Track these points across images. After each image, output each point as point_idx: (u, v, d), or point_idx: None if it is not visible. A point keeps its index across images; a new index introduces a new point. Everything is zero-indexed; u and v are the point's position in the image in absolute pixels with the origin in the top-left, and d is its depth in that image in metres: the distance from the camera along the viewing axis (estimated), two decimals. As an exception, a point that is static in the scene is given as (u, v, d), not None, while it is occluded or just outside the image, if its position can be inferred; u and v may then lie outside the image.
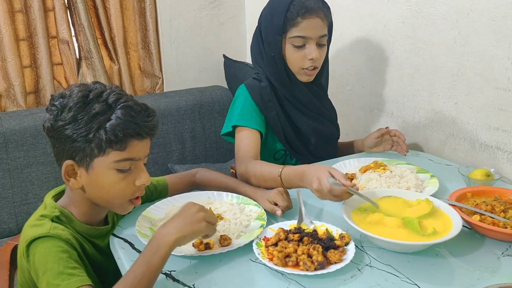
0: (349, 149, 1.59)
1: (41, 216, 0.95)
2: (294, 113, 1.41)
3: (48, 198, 1.01)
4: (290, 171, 1.15)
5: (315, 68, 1.36)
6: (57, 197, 1.03)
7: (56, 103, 0.93)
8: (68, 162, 0.94)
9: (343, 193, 1.01)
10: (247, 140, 1.33)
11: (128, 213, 1.15)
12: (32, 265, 0.88)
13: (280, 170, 1.17)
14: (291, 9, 1.30)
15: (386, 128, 1.49)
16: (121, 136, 0.91)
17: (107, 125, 0.91)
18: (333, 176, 1.01)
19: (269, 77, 1.40)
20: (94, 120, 0.91)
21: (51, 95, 0.96)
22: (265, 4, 1.41)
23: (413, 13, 1.53)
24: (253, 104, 1.38)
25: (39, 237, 0.89)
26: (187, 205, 0.93)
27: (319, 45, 1.35)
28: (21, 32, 1.98)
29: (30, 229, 0.92)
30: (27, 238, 0.90)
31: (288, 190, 1.16)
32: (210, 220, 0.92)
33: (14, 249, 1.14)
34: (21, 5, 1.95)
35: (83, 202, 1.00)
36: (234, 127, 1.37)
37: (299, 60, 1.34)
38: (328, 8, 1.37)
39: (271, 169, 1.20)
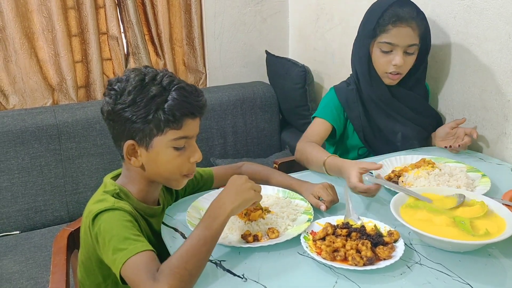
0: None
1: (104, 192, 1.01)
2: (376, 113, 1.51)
3: (107, 178, 1.07)
4: (332, 162, 1.27)
5: (398, 73, 1.44)
6: (114, 179, 1.08)
7: (115, 87, 0.98)
8: (129, 142, 0.99)
9: (366, 190, 1.11)
10: (316, 128, 1.50)
11: (175, 201, 1.20)
12: (97, 236, 0.92)
13: (325, 158, 1.29)
14: (384, 15, 1.40)
15: (463, 119, 1.48)
16: (178, 116, 0.97)
17: (165, 106, 0.96)
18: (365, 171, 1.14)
19: (359, 76, 1.50)
20: (152, 102, 0.96)
21: (108, 80, 1.01)
22: (308, 0, 1.43)
23: (465, 7, 1.49)
24: (337, 103, 1.52)
25: (104, 210, 0.94)
26: (233, 178, 0.98)
27: (406, 53, 1.42)
28: (73, 28, 2.06)
29: (94, 205, 0.97)
30: (93, 213, 0.94)
31: (335, 185, 1.16)
32: (256, 188, 0.98)
33: (70, 235, 1.19)
34: (74, 2, 2.02)
35: (140, 180, 1.05)
36: (314, 118, 1.52)
37: (384, 64, 1.44)
38: (423, 18, 1.43)
39: (318, 156, 1.33)
